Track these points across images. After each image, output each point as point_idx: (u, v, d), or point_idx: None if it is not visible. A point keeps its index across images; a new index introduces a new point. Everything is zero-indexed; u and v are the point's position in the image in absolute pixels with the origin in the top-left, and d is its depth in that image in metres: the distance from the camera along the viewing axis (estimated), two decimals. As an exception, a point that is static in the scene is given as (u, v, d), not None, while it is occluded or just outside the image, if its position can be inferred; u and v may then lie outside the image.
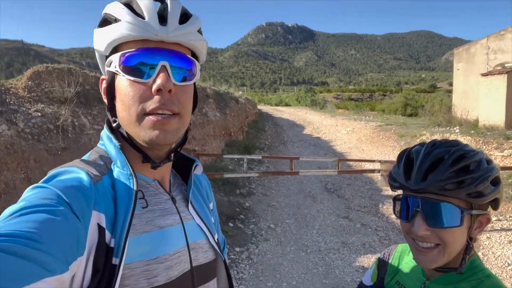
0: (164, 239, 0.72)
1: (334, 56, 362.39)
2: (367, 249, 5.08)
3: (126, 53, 0.68)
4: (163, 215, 0.75)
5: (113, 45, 0.70)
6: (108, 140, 0.75)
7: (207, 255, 0.83)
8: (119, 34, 0.68)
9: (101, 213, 0.63)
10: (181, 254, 0.75)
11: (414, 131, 13.10)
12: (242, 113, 14.21)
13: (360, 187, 8.20)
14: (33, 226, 0.50)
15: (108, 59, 0.72)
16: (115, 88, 0.72)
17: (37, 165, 3.97)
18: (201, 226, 0.83)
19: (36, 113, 4.36)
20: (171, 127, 0.70)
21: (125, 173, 0.71)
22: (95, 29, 0.74)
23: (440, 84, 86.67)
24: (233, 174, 6.01)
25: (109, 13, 0.70)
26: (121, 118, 0.72)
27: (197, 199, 0.88)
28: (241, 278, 4.19)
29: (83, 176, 0.64)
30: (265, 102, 44.69)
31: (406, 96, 28.78)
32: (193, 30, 0.73)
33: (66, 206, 0.57)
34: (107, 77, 0.74)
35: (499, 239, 5.22)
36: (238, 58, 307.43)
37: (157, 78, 0.67)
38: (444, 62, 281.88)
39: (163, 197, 0.78)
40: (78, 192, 0.60)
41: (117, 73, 0.70)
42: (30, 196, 0.57)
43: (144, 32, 0.67)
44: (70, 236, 0.54)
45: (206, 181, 1.00)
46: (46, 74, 4.94)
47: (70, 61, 17.98)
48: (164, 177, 0.81)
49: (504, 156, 8.86)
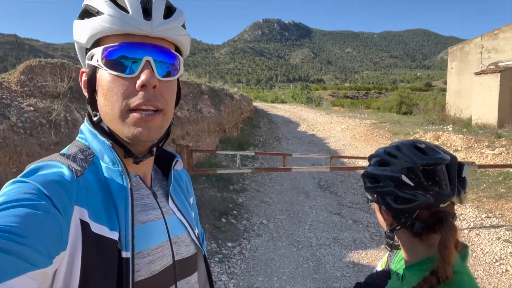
0: (146, 233, 0.73)
1: (330, 53, 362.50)
2: (358, 245, 5.13)
3: (108, 47, 0.67)
4: (145, 210, 0.75)
5: (95, 38, 0.69)
6: (92, 135, 0.74)
7: (188, 249, 0.84)
8: (101, 28, 0.66)
9: (83, 208, 0.62)
10: (164, 249, 0.76)
11: (408, 129, 13.19)
12: (237, 110, 14.22)
13: (352, 184, 8.26)
14: (15, 221, 0.50)
15: (90, 52, 0.70)
16: (97, 82, 0.71)
17: (29, 159, 3.97)
18: (182, 221, 0.84)
19: (29, 107, 4.35)
20: (155, 124, 0.70)
21: (115, 169, 0.71)
22: (75, 20, 0.72)
23: (435, 82, 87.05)
24: (226, 170, 6.03)
25: (91, 4, 0.69)
26: (104, 113, 0.71)
27: (177, 194, 0.89)
28: (233, 273, 4.23)
29: (64, 171, 0.64)
30: (260, 99, 44.67)
31: (401, 94, 28.92)
32: (178, 25, 0.73)
33: (48, 200, 0.56)
34: (87, 70, 0.73)
35: (488, 236, 5.30)
36: (234, 54, 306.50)
37: (141, 74, 0.67)
38: (440, 60, 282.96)
39: (145, 192, 0.79)
40: (59, 186, 0.60)
41: (99, 67, 0.69)
42: (10, 191, 0.56)
43: (128, 27, 0.66)
44: (53, 230, 0.54)
45: (186, 176, 1.00)
46: (39, 69, 4.93)
47: (64, 56, 17.82)
48: (146, 172, 0.81)
49: (495, 154, 8.96)
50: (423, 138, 11.69)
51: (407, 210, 0.89)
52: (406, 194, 0.89)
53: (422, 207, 0.87)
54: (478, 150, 9.55)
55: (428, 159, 0.89)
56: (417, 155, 0.91)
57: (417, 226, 0.89)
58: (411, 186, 0.88)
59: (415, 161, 0.89)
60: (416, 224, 0.89)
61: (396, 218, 0.93)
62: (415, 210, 0.88)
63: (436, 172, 0.88)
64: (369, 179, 1.00)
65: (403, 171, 0.90)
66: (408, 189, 0.89)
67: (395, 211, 0.92)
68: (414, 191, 0.88)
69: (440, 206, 0.87)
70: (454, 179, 0.89)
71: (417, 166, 0.89)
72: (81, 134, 0.77)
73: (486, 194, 6.93)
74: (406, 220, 0.90)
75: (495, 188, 7.13)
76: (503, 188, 7.03)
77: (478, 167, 6.30)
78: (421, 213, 0.89)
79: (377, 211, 1.03)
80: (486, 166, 6.70)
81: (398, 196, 0.90)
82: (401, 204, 0.90)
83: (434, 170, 0.88)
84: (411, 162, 0.90)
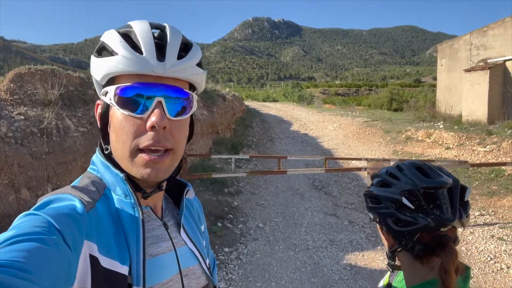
0: (157, 267, 0.72)
1: (321, 51, 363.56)
2: (355, 246, 5.15)
3: (121, 86, 0.68)
4: (156, 243, 0.75)
5: (109, 77, 0.70)
6: (105, 167, 0.74)
7: (199, 281, 0.82)
8: (115, 69, 0.68)
9: (93, 243, 0.62)
10: (174, 282, 0.75)
11: (400, 127, 13.29)
12: (230, 110, 14.18)
13: (347, 183, 8.29)
14: (23, 256, 0.49)
15: (104, 89, 0.72)
16: (109, 118, 0.73)
17: (21, 170, 3.90)
18: (194, 251, 0.83)
19: (19, 116, 4.27)
20: (163, 165, 0.70)
21: (128, 201, 0.71)
22: (92, 56, 0.73)
23: (424, 78, 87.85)
24: (221, 174, 6.01)
25: (107, 43, 0.70)
26: (114, 149, 0.73)
27: (189, 223, 0.88)
28: (230, 279, 4.21)
29: (76, 204, 0.64)
30: (252, 97, 44.65)
31: (392, 91, 29.12)
32: (192, 64, 0.73)
33: (58, 234, 0.56)
34: (102, 103, 0.75)
35: (482, 234, 5.36)
36: (225, 53, 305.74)
37: (152, 115, 0.67)
38: (429, 56, 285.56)
39: (156, 223, 0.78)
40: (70, 220, 0.59)
41: (111, 105, 0.70)
42: (22, 224, 0.56)
43: (141, 68, 0.67)
44: (60, 266, 0.53)
45: (197, 204, 1.00)
46: (28, 76, 4.84)
47: (53, 58, 17.61)
48: (157, 203, 0.81)
49: (487, 151, 9.07)
50: (415, 136, 11.79)
51: (408, 232, 0.89)
52: (406, 217, 0.88)
53: (423, 230, 0.87)
54: (470, 148, 9.65)
55: (429, 182, 0.88)
56: (419, 178, 0.90)
57: (417, 249, 0.89)
58: (412, 209, 0.88)
59: (416, 184, 0.89)
60: (416, 247, 0.89)
61: (397, 240, 0.92)
62: (416, 233, 0.88)
63: (438, 195, 0.87)
64: (370, 199, 1.00)
65: (404, 194, 0.89)
66: (409, 211, 0.88)
67: (395, 233, 0.92)
68: (415, 214, 0.87)
69: (441, 230, 0.87)
70: (456, 203, 0.88)
71: (418, 188, 0.88)
72: (93, 166, 0.78)
73: (479, 192, 7.01)
74: (407, 243, 0.90)
75: (487, 185, 7.21)
76: (495, 186, 7.11)
77: (471, 166, 6.36)
78: (422, 236, 0.88)
79: (380, 231, 1.03)
80: (478, 164, 6.77)
81: (399, 218, 0.90)
82: (401, 227, 0.89)
83: (435, 194, 0.87)
84: (412, 184, 0.89)
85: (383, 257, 4.78)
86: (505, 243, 5.02)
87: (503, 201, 6.53)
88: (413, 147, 11.27)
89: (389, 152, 11.17)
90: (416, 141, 11.53)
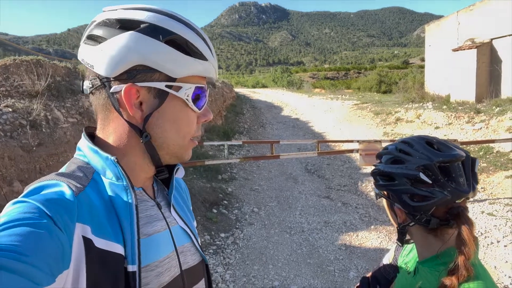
0: (152, 246, 0.74)
1: (309, 35, 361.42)
2: (349, 227, 5.23)
3: (199, 87, 0.77)
4: (151, 222, 0.76)
5: (190, 75, 0.76)
6: (93, 152, 0.74)
7: (195, 257, 0.85)
8: (204, 73, 0.77)
9: (85, 225, 0.62)
10: (171, 259, 0.77)
11: (389, 108, 13.37)
12: (220, 98, 14.10)
13: (339, 166, 8.37)
14: (17, 239, 0.50)
15: (177, 84, 0.74)
16: (161, 108, 0.74)
17: (12, 162, 3.85)
18: (186, 230, 0.85)
19: (7, 108, 4.19)
20: None
21: (120, 184, 0.71)
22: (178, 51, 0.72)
23: (412, 59, 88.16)
24: (214, 161, 6.00)
25: (197, 46, 0.75)
26: (166, 138, 0.76)
27: (178, 203, 0.90)
28: (228, 264, 4.26)
29: (64, 189, 0.64)
30: (241, 84, 44.42)
31: (380, 73, 29.19)
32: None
33: (49, 219, 0.56)
34: (150, 92, 0.73)
35: (472, 210, 5.47)
36: (212, 40, 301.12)
37: (207, 113, 0.81)
38: (416, 37, 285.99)
39: (149, 204, 0.79)
40: (60, 205, 0.59)
41: (186, 101, 0.75)
42: (12, 211, 0.56)
43: (213, 74, 0.80)
44: (54, 248, 0.54)
45: (184, 184, 1.01)
46: (14, 67, 4.73)
47: (36, 49, 17.14)
48: (147, 184, 0.82)
49: (475, 129, 9.20)
50: (405, 117, 11.89)
51: (424, 207, 0.89)
52: (423, 192, 0.88)
53: (439, 204, 0.87)
54: (459, 126, 9.78)
55: (444, 156, 0.88)
56: (432, 152, 0.90)
57: (433, 222, 0.89)
58: (429, 183, 0.88)
59: (432, 158, 0.89)
60: (432, 220, 0.89)
61: (411, 215, 0.93)
62: (432, 207, 0.88)
63: (453, 168, 0.88)
64: (381, 177, 0.99)
65: (420, 169, 0.89)
66: (425, 186, 0.88)
67: (411, 208, 0.91)
68: (431, 189, 0.87)
69: (456, 202, 0.88)
70: (469, 175, 0.89)
71: (434, 163, 0.88)
72: (79, 151, 0.77)
73: (468, 169, 7.13)
74: (421, 217, 0.90)
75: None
76: (484, 163, 7.25)
77: (461, 145, 6.45)
78: (437, 209, 0.89)
79: (387, 208, 1.03)
80: (468, 143, 6.88)
81: (415, 193, 0.90)
82: (417, 202, 0.89)
83: (450, 167, 0.88)
84: (427, 159, 0.89)
85: (377, 236, 4.88)
86: (495, 218, 5.15)
87: (492, 177, 6.66)
88: (403, 128, 11.38)
89: (380, 133, 11.27)
90: (406, 122, 11.63)
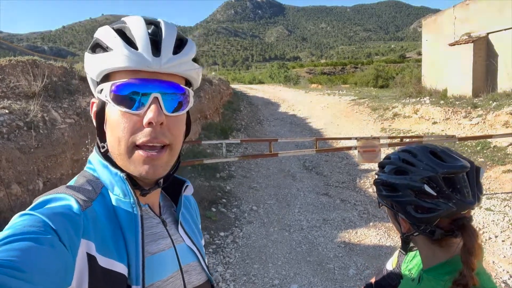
0: (157, 265, 0.72)
1: (305, 30, 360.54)
2: (347, 224, 5.25)
3: (117, 83, 0.67)
4: (155, 240, 0.74)
5: (104, 73, 0.69)
6: (103, 167, 0.73)
7: (200, 277, 0.82)
8: (110, 65, 0.67)
9: (90, 241, 0.61)
10: (175, 279, 0.75)
11: (387, 104, 13.39)
12: (217, 95, 14.08)
13: (337, 163, 8.38)
14: (16, 255, 0.49)
15: (99, 86, 0.71)
16: (105, 115, 0.71)
17: (10, 165, 3.83)
18: (192, 248, 0.83)
19: (4, 110, 4.16)
20: (161, 161, 0.70)
21: (127, 201, 0.70)
22: (86, 53, 0.72)
23: (409, 54, 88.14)
24: (212, 160, 6.01)
25: (101, 39, 0.69)
26: (111, 147, 0.72)
27: (186, 221, 0.88)
28: (228, 263, 4.27)
29: (71, 203, 0.63)
30: (238, 80, 44.31)
31: (377, 68, 29.22)
32: (188, 60, 0.72)
33: (54, 234, 0.55)
34: (97, 102, 0.73)
35: (470, 206, 5.50)
36: (208, 36, 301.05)
37: (149, 111, 0.66)
38: (412, 31, 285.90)
39: (154, 221, 0.77)
40: (66, 220, 0.59)
41: (107, 102, 0.69)
42: (17, 224, 0.56)
43: (137, 64, 0.66)
44: (57, 264, 0.53)
45: (194, 201, 0.99)
46: (10, 68, 4.70)
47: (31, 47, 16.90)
48: (154, 201, 0.80)
49: (472, 124, 9.22)
50: (402, 112, 11.91)
51: (428, 219, 0.88)
52: (427, 204, 0.87)
53: (444, 215, 0.86)
54: (456, 121, 9.81)
55: (449, 167, 0.87)
56: (437, 163, 0.88)
57: (437, 233, 0.88)
58: (433, 195, 0.86)
59: (436, 170, 0.87)
60: (437, 231, 0.88)
61: (415, 225, 0.91)
62: (437, 218, 0.87)
63: (458, 180, 0.86)
64: (384, 187, 0.98)
65: (424, 180, 0.87)
66: (430, 198, 0.87)
67: (415, 220, 0.90)
68: (436, 200, 0.86)
69: (461, 213, 0.87)
70: (474, 186, 0.87)
71: (438, 174, 0.86)
72: (90, 164, 0.76)
73: (466, 165, 7.16)
74: (425, 228, 0.89)
75: (473, 158, 7.37)
76: (482, 158, 7.28)
77: (458, 140, 6.47)
78: (442, 220, 0.88)
79: (391, 217, 1.02)
80: (465, 138, 6.90)
81: (419, 205, 0.88)
82: (422, 214, 0.88)
83: (455, 178, 0.86)
84: (432, 170, 0.87)
85: (376, 233, 4.90)
86: (493, 213, 5.18)
87: (489, 172, 6.69)
88: (400, 123, 11.40)
89: (377, 129, 11.28)
90: (403, 117, 11.65)
